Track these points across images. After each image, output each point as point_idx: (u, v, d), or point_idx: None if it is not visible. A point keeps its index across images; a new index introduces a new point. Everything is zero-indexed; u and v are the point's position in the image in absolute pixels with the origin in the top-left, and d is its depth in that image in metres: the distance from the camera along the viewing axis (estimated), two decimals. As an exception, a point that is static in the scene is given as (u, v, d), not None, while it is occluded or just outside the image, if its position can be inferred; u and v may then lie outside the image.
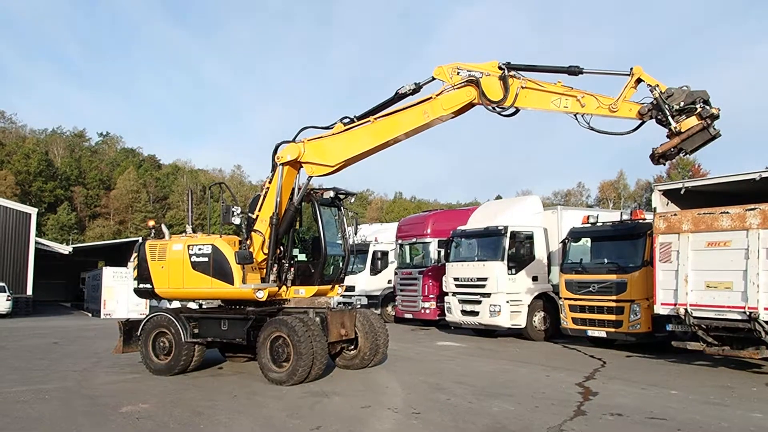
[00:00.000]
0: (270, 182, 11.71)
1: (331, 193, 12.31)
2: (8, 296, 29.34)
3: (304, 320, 10.76)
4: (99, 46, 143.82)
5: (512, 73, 10.12)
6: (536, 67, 10.18)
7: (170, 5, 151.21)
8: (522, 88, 10.04)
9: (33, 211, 34.33)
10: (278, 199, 11.38)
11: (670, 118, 9.06)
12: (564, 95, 9.82)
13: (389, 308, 24.21)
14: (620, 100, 9.48)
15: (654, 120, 9.35)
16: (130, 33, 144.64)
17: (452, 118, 10.81)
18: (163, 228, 13.00)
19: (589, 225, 16.23)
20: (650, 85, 9.27)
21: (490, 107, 10.26)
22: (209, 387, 10.64)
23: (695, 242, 12.17)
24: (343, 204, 12.76)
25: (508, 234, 17.44)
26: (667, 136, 9.32)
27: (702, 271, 12.03)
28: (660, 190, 13.79)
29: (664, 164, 9.89)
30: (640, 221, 15.15)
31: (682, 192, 13.25)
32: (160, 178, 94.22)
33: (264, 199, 11.74)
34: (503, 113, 10.33)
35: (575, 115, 9.78)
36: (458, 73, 10.48)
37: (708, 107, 9.02)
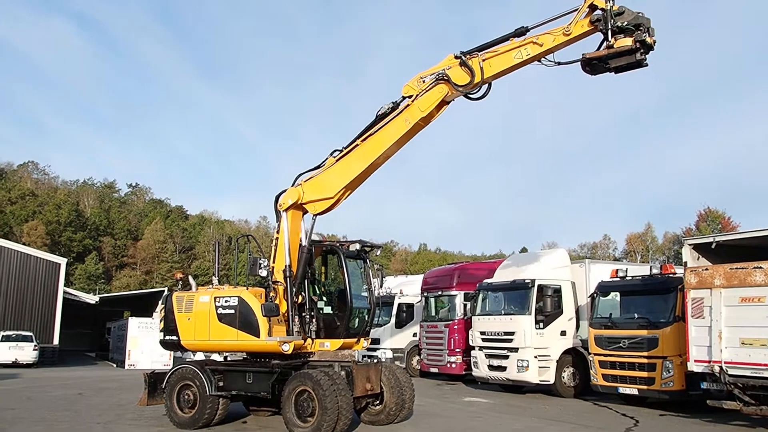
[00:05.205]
0: (278, 232, 11.88)
1: (357, 246, 12.37)
2: (35, 346, 29.43)
3: (329, 374, 10.67)
4: (130, 100, 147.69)
5: (468, 56, 10.91)
6: (487, 44, 11.03)
7: (199, 61, 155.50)
8: (483, 61, 10.85)
9: (62, 261, 34.73)
10: (288, 246, 11.58)
11: (609, 32, 9.70)
12: (521, 46, 10.63)
13: (414, 362, 23.86)
14: (572, 24, 10.16)
15: (601, 33, 9.89)
16: (160, 88, 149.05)
17: (433, 118, 11.38)
18: (190, 279, 13.12)
19: (618, 279, 16.01)
20: (603, 9, 9.76)
21: (464, 93, 11.05)
22: (233, 442, 10.52)
23: (728, 298, 11.91)
24: (369, 256, 12.77)
25: (536, 287, 17.22)
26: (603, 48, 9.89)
27: (736, 327, 11.73)
28: (690, 244, 13.59)
29: (592, 75, 10.35)
30: (671, 275, 14.88)
31: (713, 246, 13.04)
32: (186, 229, 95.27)
33: (276, 250, 11.88)
34: (475, 96, 11.16)
35: (540, 61, 10.54)
36: (423, 81, 11.28)
37: (645, 34, 9.57)
